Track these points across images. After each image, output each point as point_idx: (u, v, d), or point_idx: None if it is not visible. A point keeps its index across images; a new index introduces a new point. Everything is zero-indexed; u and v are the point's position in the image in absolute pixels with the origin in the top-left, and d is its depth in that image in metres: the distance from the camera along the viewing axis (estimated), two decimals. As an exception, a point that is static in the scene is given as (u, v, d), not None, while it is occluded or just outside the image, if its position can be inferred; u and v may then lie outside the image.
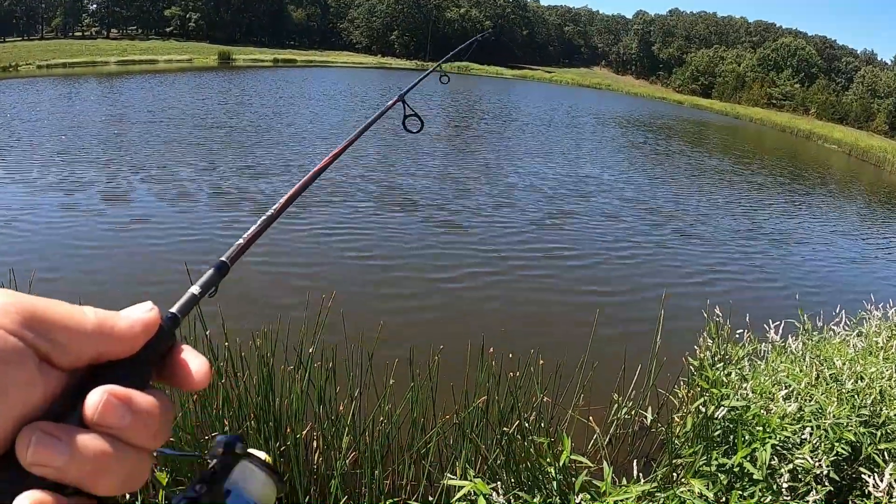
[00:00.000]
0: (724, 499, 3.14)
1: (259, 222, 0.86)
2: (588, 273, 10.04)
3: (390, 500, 3.64)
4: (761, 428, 3.34)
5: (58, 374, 0.46)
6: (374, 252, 9.73)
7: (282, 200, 0.97)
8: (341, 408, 3.98)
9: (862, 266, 13.20)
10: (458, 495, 2.82)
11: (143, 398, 0.48)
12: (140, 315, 0.50)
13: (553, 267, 10.06)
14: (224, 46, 75.63)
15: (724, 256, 11.93)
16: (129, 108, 23.28)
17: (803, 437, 3.44)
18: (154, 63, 56.51)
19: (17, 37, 76.90)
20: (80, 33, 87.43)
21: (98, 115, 20.75)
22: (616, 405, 4.84)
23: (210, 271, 0.69)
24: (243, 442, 0.64)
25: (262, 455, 0.65)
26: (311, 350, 4.20)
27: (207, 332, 4.25)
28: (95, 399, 0.45)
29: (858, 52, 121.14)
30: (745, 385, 3.98)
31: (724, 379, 3.99)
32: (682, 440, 3.96)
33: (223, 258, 0.73)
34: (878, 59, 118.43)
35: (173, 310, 0.57)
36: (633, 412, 4.85)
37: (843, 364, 4.12)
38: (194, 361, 0.53)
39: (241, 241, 0.80)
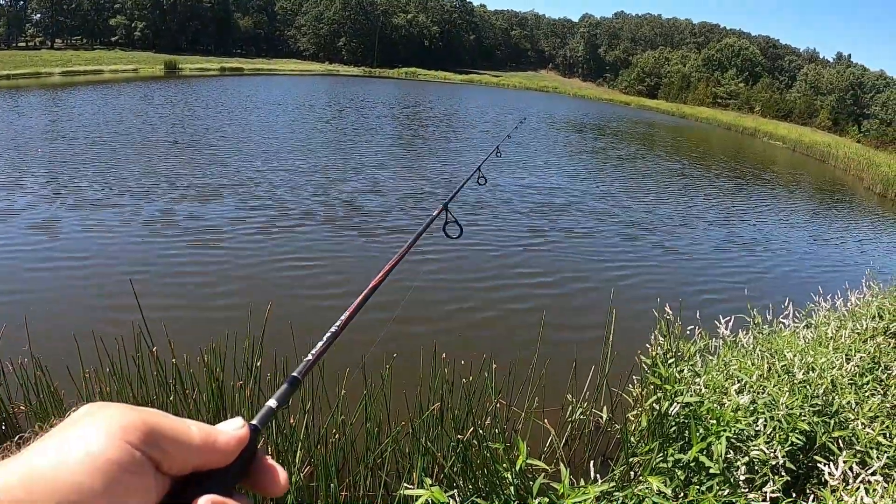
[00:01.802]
0: (682, 494, 3.14)
1: (325, 339, 1.03)
2: (537, 272, 10.04)
3: (347, 513, 3.56)
4: (715, 422, 3.36)
5: (165, 479, 0.55)
6: (316, 260, 9.60)
7: (343, 318, 1.16)
8: (292, 420, 3.89)
9: (809, 259, 13.48)
10: (415, 505, 2.76)
11: None
12: (235, 432, 0.61)
13: (502, 267, 10.05)
14: (170, 56, 74.33)
15: (673, 255, 12.06)
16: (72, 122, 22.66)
17: (758, 429, 3.47)
18: (100, 73, 55.25)
19: (-41, 47, 74.67)
20: (23, 44, 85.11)
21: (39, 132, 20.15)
22: (571, 406, 4.83)
23: (284, 386, 0.81)
24: None
25: None
26: (258, 363, 4.11)
27: (154, 349, 4.13)
28: None
29: (801, 50, 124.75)
30: (697, 380, 4.00)
31: (677, 375, 4.00)
32: (638, 438, 3.97)
33: (295, 374, 0.86)
34: (821, 56, 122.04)
35: (255, 422, 0.66)
36: (587, 412, 4.85)
37: (794, 356, 4.17)
38: (278, 471, 0.64)
39: (309, 357, 0.94)
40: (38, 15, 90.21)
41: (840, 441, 3.59)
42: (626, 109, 75.14)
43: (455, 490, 3.33)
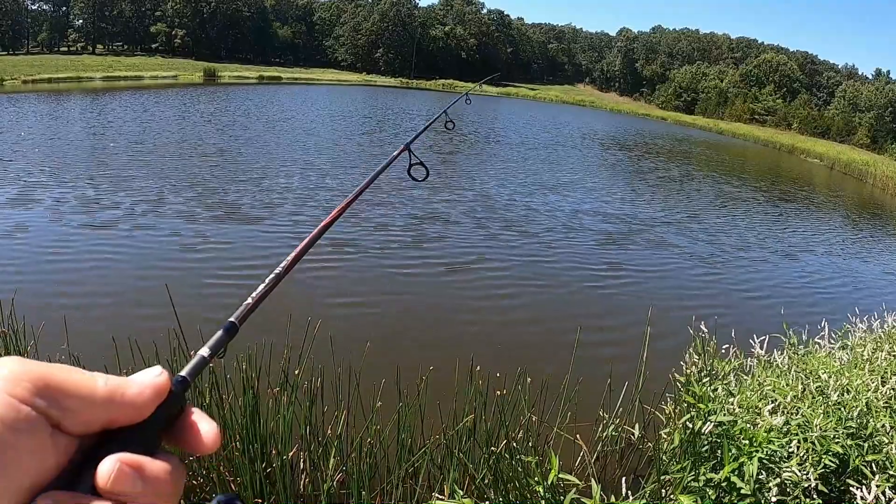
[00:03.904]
0: (712, 514, 3.14)
1: (267, 281, 0.87)
2: (573, 289, 10.04)
3: (378, 521, 3.61)
4: (748, 442, 3.35)
5: (69, 440, 0.47)
6: (359, 274, 9.71)
7: (289, 258, 0.97)
8: (328, 430, 3.95)
9: (846, 279, 13.28)
10: (447, 515, 2.80)
11: (154, 465, 0.49)
12: (150, 381, 0.51)
13: (539, 282, 10.07)
14: (209, 63, 75.60)
15: (710, 272, 11.98)
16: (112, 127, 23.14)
17: (790, 450, 3.45)
18: (140, 79, 56.41)
19: (2, 51, 76.37)
20: (65, 48, 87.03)
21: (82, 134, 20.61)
22: (603, 422, 4.83)
23: (219, 333, 0.69)
24: (242, 502, 0.63)
25: None
26: (296, 372, 4.18)
27: (192, 353, 4.21)
28: (108, 468, 0.46)
29: (840, 66, 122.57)
30: (731, 400, 3.99)
31: (711, 394, 3.99)
32: (670, 456, 3.96)
33: (232, 319, 0.74)
34: (860, 73, 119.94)
35: (183, 373, 0.58)
36: (620, 429, 4.84)
37: (829, 377, 4.14)
38: (204, 425, 0.53)
39: (249, 300, 0.81)
40: (81, 21, 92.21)
41: (874, 465, 3.56)
42: (662, 125, 74.63)
43: (486, 502, 3.36)
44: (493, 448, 3.68)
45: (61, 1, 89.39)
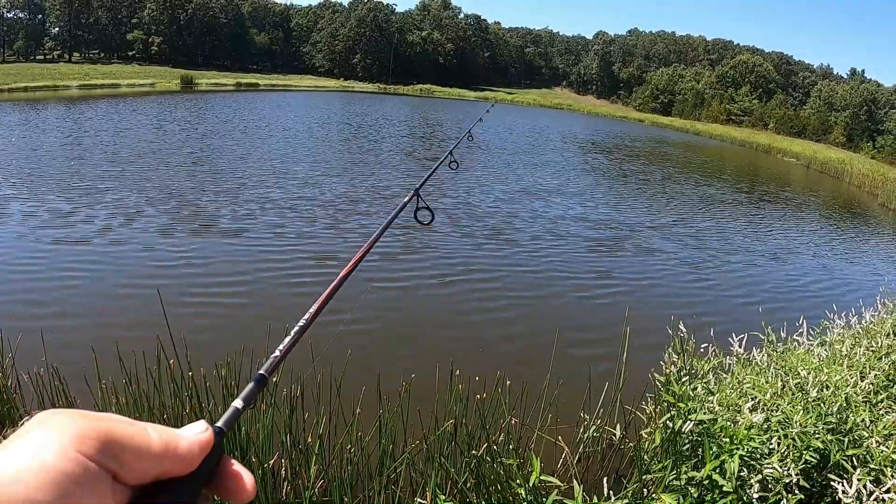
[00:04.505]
0: (695, 512, 3.14)
1: (293, 334, 0.95)
2: (551, 291, 10.05)
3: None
4: (729, 440, 3.36)
5: (124, 489, 0.52)
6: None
7: (312, 310, 1.06)
8: (309, 437, 3.92)
9: (823, 276, 13.40)
10: (428, 520, 2.78)
11: None
12: (197, 437, 0.58)
13: (515, 287, 10.07)
14: (186, 70, 75.21)
15: (688, 272, 12.04)
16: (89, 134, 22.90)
17: (771, 446, 3.46)
18: (116, 87, 55.95)
19: (-23, 60, 75.57)
20: (41, 57, 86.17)
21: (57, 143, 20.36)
22: (584, 423, 4.83)
23: (250, 385, 0.76)
24: None
25: None
26: (275, 379, 4.15)
27: (171, 363, 4.18)
28: None
29: (815, 66, 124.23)
30: (711, 398, 4.00)
31: (691, 393, 4.00)
32: (651, 455, 3.97)
33: (262, 371, 0.81)
34: (835, 72, 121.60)
35: (220, 424, 0.64)
36: (601, 430, 4.85)
37: (808, 373, 4.17)
38: (245, 475, 0.60)
39: (276, 353, 0.88)
40: (57, 29, 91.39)
41: (854, 459, 3.58)
42: (640, 127, 75.16)
43: (469, 506, 3.35)
44: (474, 452, 3.67)
45: (37, 9, 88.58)
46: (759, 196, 25.11)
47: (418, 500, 3.22)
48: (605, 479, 3.43)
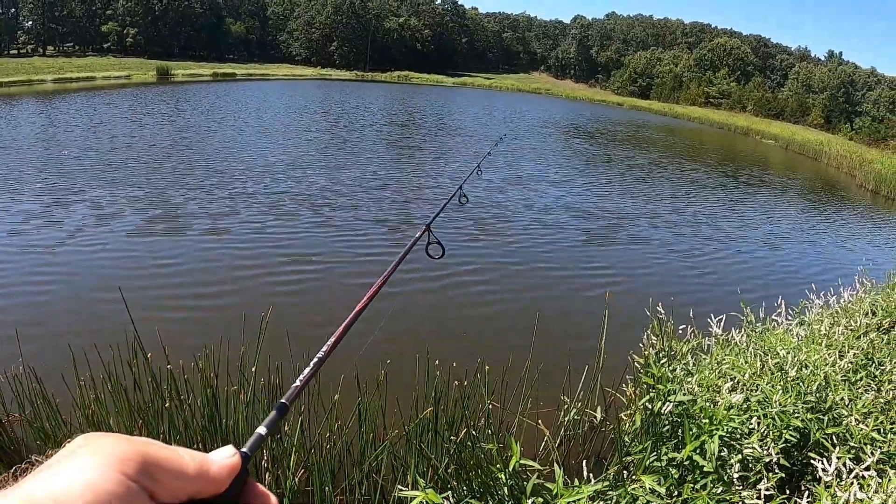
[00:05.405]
0: (676, 493, 3.14)
1: (312, 365, 1.04)
2: (530, 275, 10.04)
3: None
4: (708, 420, 3.36)
5: None
6: (311, 264, 9.59)
7: (330, 342, 1.15)
8: (286, 427, 3.89)
9: (802, 256, 13.52)
10: (410, 507, 2.76)
11: None
12: (227, 460, 0.63)
13: (494, 270, 10.06)
14: (162, 62, 74.18)
15: (665, 254, 12.08)
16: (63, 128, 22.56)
17: (751, 426, 3.48)
18: (92, 80, 55.13)
19: (-50, 56, 74.17)
20: (15, 51, 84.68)
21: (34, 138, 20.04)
22: (564, 406, 4.83)
23: (273, 413, 0.83)
24: None
25: None
26: (253, 368, 4.11)
27: (150, 356, 4.13)
28: None
29: (792, 49, 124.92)
30: (690, 379, 4.01)
31: (670, 375, 4.01)
32: (632, 437, 3.98)
33: (283, 400, 0.88)
34: (812, 55, 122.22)
35: (245, 450, 0.69)
36: (581, 413, 4.85)
37: (787, 353, 4.18)
38: (270, 498, 0.66)
39: (297, 383, 0.97)
40: (30, 22, 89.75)
41: (834, 437, 3.60)
42: (619, 111, 75.40)
43: (449, 491, 3.33)
44: (453, 438, 3.65)
45: (10, 2, 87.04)
46: (739, 178, 25.22)
47: (399, 487, 3.20)
48: (585, 462, 3.42)
